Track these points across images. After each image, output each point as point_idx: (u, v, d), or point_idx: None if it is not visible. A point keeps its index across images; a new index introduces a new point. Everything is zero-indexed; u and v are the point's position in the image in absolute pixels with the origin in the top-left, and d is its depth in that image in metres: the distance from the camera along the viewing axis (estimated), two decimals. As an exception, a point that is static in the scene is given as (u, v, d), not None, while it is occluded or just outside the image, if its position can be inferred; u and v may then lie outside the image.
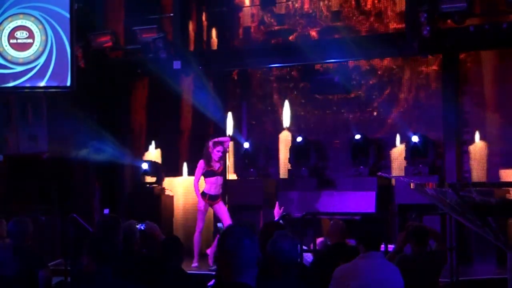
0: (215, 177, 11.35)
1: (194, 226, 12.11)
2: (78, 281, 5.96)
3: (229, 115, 13.37)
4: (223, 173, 11.54)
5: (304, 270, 6.15)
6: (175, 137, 14.88)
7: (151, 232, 7.22)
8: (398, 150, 12.98)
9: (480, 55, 12.71)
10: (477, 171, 12.23)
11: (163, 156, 14.52)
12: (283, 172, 13.72)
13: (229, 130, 13.29)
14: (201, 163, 11.38)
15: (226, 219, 11.24)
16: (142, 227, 7.57)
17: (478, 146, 12.33)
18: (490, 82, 12.62)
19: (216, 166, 11.36)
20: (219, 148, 11.34)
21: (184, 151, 14.85)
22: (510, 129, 12.21)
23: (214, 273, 6.91)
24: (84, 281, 5.12)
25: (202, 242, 11.71)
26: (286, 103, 13.78)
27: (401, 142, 12.89)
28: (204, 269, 10.90)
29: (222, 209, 11.44)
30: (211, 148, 11.33)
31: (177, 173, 14.10)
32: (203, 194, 11.33)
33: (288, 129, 13.80)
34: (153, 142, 14.54)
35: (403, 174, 12.39)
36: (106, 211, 9.78)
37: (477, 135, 12.34)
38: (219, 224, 11.14)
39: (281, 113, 14.04)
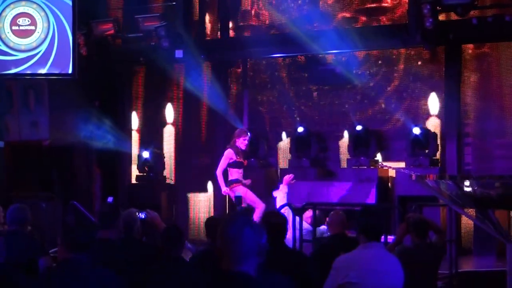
0: (242, 169, 11.09)
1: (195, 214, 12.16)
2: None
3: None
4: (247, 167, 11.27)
5: (304, 260, 6.16)
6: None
7: (152, 221, 7.23)
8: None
9: (483, 47, 12.69)
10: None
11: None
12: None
13: None
14: (229, 153, 11.03)
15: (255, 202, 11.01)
16: (143, 216, 7.58)
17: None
18: (492, 74, 12.61)
19: (242, 157, 11.07)
20: (245, 136, 11.07)
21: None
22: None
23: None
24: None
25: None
26: None
27: (401, 133, 12.88)
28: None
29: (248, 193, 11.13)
30: (237, 137, 11.06)
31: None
32: (237, 181, 11.01)
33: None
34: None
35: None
36: (110, 199, 9.76)
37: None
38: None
39: (282, 103, 14.06)
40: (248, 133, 11.24)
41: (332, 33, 12.43)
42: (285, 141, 13.99)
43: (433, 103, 12.94)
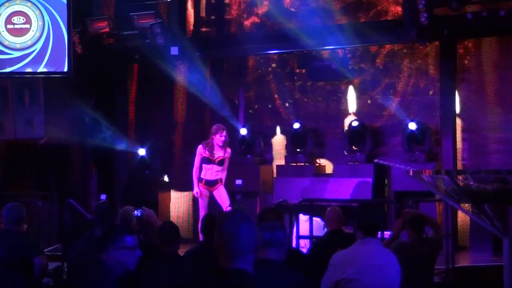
0: (211, 165, 10.96)
1: (190, 212, 12.17)
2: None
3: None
4: (221, 162, 11.06)
5: (301, 257, 6.16)
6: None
7: (148, 218, 7.23)
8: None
9: (478, 42, 12.70)
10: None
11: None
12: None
13: None
14: (199, 149, 10.97)
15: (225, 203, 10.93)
16: (139, 213, 7.59)
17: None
18: (488, 70, 12.61)
19: (220, 153, 10.93)
20: (221, 132, 10.97)
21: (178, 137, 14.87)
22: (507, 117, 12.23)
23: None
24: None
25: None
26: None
27: (398, 129, 12.88)
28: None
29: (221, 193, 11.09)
30: (213, 133, 10.97)
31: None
32: (200, 180, 10.97)
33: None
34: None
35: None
36: (103, 196, 9.71)
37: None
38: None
39: (277, 99, 14.07)
40: (225, 129, 11.14)
41: (327, 28, 12.42)
42: (281, 137, 13.98)
43: (428, 97, 12.95)
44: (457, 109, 12.52)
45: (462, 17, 11.42)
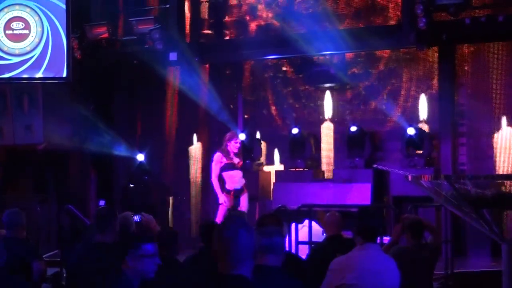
0: (235, 170, 10.81)
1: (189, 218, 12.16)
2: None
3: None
4: (241, 168, 10.99)
5: (300, 262, 6.16)
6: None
7: (147, 224, 7.23)
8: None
9: (476, 47, 12.72)
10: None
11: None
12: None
13: None
14: (218, 156, 10.82)
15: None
16: (138, 219, 7.58)
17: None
18: (486, 75, 12.62)
19: (236, 160, 10.82)
20: (236, 139, 10.87)
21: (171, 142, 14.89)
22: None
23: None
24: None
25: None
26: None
27: (396, 134, 12.89)
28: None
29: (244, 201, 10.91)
30: (227, 140, 10.84)
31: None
32: (228, 192, 10.76)
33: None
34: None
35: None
36: (101, 202, 9.64)
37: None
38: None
39: (275, 104, 14.10)
40: (239, 136, 11.07)
41: (326, 34, 12.43)
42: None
43: (428, 104, 12.96)
44: (456, 114, 12.52)
45: (461, 22, 11.44)
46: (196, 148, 14.38)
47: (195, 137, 14.40)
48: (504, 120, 12.08)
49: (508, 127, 12.09)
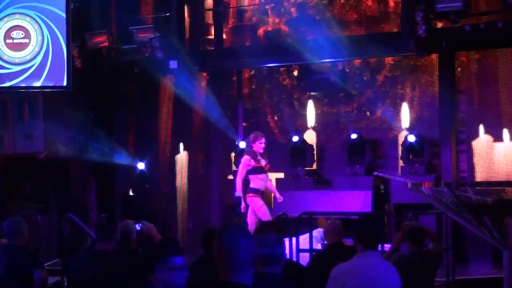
0: (263, 174, 10.73)
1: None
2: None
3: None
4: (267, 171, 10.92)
5: (301, 270, 6.15)
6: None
7: (148, 232, 7.22)
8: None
9: (476, 54, 12.73)
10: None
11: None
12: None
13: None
14: (246, 159, 10.71)
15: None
16: (139, 227, 7.57)
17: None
18: (485, 81, 12.64)
19: (263, 162, 10.71)
20: (261, 139, 10.73)
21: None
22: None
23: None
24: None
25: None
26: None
27: (397, 141, 12.90)
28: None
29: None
30: (252, 141, 10.70)
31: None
32: (256, 191, 10.67)
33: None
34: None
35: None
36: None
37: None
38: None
39: (274, 112, 14.14)
40: (264, 136, 10.93)
41: (325, 42, 12.45)
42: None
43: (427, 110, 12.97)
44: (456, 121, 12.53)
45: (460, 29, 11.45)
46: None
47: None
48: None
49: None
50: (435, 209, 9.15)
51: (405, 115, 12.97)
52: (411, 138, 12.41)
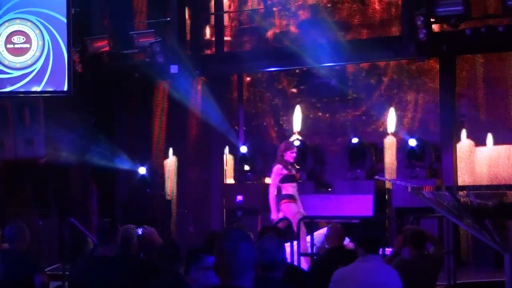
0: (295, 183, 10.69)
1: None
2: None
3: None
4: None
5: (302, 274, 6.15)
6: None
7: (149, 237, 7.22)
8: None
9: (477, 58, 12.74)
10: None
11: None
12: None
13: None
14: (278, 168, 10.68)
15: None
16: (140, 232, 7.58)
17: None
18: (486, 85, 12.64)
19: (293, 170, 10.72)
20: (292, 149, 10.75)
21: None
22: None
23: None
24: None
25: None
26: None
27: (398, 145, 12.88)
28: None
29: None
30: (283, 150, 10.69)
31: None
32: (290, 197, 10.65)
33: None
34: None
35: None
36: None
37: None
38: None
39: (278, 116, 14.12)
40: (295, 145, 10.92)
41: (326, 46, 12.46)
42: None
43: (428, 114, 12.97)
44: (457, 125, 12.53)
45: (461, 33, 11.45)
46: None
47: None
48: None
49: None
50: (436, 213, 9.15)
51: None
52: (412, 143, 12.40)
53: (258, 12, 14.53)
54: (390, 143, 12.92)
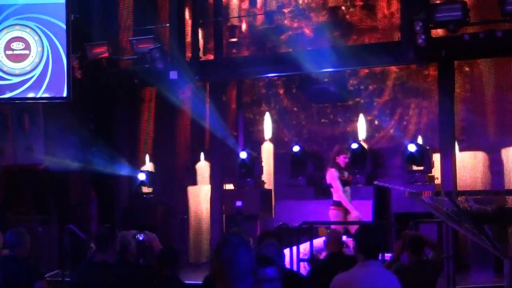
0: (347, 187, 10.77)
1: (191, 236, 12.07)
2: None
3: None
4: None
5: (301, 280, 6.14)
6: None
7: (149, 242, 7.23)
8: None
9: (476, 63, 12.75)
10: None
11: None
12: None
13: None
14: (333, 172, 10.76)
15: None
16: (141, 237, 7.59)
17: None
18: (485, 90, 12.65)
19: (346, 174, 10.77)
20: (345, 154, 10.84)
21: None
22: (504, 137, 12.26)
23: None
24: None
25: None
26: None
27: (398, 150, 12.89)
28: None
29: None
30: (336, 153, 10.78)
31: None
32: (338, 204, 10.70)
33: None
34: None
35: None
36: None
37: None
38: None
39: (278, 122, 14.12)
40: (348, 151, 10.96)
41: (325, 51, 12.47)
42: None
43: (427, 119, 12.98)
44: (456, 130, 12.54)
45: (460, 38, 11.47)
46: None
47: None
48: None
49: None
50: (435, 218, 9.15)
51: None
52: (412, 148, 12.39)
53: (257, 18, 14.56)
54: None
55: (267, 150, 13.86)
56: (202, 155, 14.19)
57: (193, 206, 14.04)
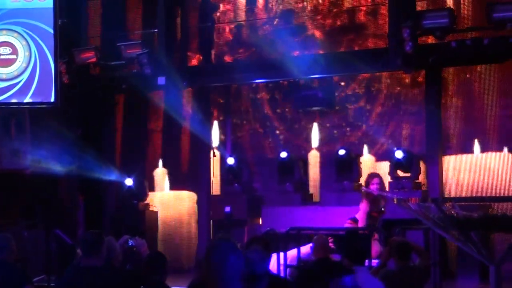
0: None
1: (177, 242, 12.04)
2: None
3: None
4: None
5: (288, 286, 6.15)
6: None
7: (137, 248, 7.23)
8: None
9: (463, 70, 12.82)
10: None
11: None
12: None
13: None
14: (364, 206, 10.83)
15: None
16: (132, 243, 7.59)
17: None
18: (472, 97, 12.71)
19: (382, 203, 10.73)
20: (376, 180, 10.87)
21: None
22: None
23: None
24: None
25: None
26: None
27: (385, 157, 12.92)
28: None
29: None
30: (366, 183, 10.76)
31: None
32: (355, 220, 10.75)
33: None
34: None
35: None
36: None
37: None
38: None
39: (261, 127, 14.17)
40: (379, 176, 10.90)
41: (312, 58, 12.49)
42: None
43: (414, 125, 13.03)
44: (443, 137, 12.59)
45: (447, 45, 11.53)
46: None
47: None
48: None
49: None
50: (422, 225, 9.18)
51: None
52: (399, 154, 12.42)
53: (245, 24, 14.59)
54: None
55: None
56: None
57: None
